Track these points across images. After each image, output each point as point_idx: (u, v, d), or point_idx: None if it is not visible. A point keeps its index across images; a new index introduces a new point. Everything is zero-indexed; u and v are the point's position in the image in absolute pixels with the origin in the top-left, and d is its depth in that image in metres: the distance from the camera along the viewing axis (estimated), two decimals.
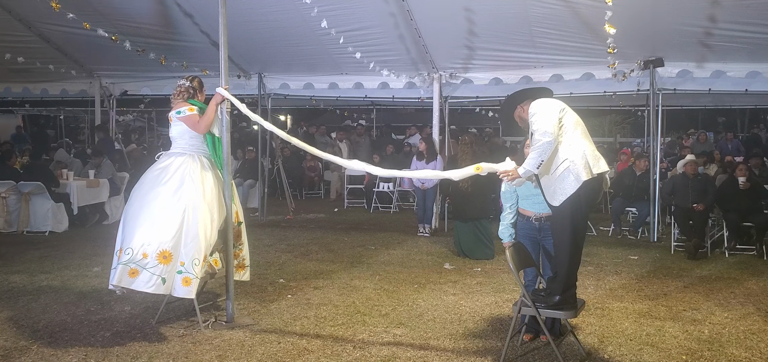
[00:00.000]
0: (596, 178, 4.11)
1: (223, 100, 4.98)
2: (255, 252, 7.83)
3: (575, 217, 4.11)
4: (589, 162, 4.09)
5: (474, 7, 7.78)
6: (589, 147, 4.17)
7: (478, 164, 4.36)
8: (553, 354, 4.29)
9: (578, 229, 4.17)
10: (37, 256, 7.65)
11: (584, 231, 4.39)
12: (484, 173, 4.35)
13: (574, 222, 4.12)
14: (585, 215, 4.24)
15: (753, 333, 4.96)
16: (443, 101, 10.39)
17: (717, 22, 7.48)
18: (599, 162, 4.15)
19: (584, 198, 4.10)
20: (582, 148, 4.11)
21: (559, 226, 4.20)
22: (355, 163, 5.20)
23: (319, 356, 4.41)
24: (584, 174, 4.05)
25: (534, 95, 4.38)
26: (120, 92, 12.07)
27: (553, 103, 4.22)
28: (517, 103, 4.44)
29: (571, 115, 4.21)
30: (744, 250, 8.17)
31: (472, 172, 4.38)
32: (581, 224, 4.21)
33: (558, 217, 4.20)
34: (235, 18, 6.90)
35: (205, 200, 4.81)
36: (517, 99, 4.47)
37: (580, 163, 4.06)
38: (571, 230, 4.12)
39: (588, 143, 4.18)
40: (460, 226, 7.94)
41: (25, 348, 4.51)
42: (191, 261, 4.67)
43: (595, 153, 4.17)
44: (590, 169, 4.08)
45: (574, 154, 4.08)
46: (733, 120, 21.76)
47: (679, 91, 9.55)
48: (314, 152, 5.22)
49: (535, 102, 4.25)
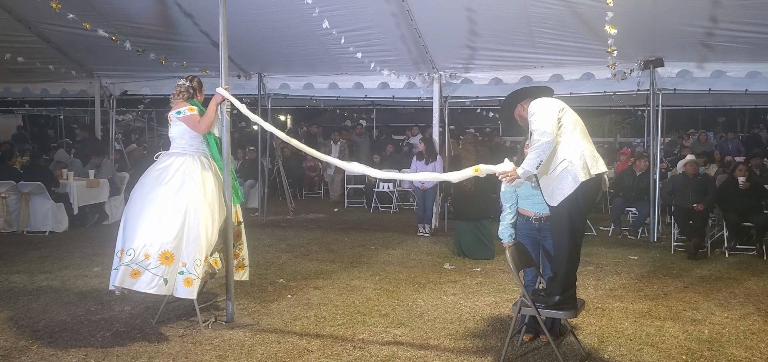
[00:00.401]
0: (594, 178, 4.11)
1: (223, 100, 4.99)
2: (255, 252, 7.85)
3: (573, 217, 4.11)
4: (588, 163, 4.09)
5: (474, 7, 7.78)
6: (588, 147, 4.16)
7: (477, 166, 4.35)
8: (553, 354, 4.29)
9: (576, 229, 4.17)
10: (37, 256, 7.65)
11: (583, 231, 4.38)
12: (482, 175, 4.34)
13: (572, 222, 4.12)
14: (583, 215, 4.24)
15: (753, 333, 4.96)
16: (443, 101, 10.39)
17: (717, 22, 7.47)
18: (598, 162, 4.15)
19: (582, 198, 4.10)
20: (581, 149, 4.11)
21: (558, 226, 4.20)
22: (354, 166, 5.15)
23: (319, 356, 4.41)
24: (582, 175, 4.05)
25: (534, 94, 4.38)
26: (120, 92, 12.06)
27: (552, 103, 4.22)
28: (517, 101, 4.44)
29: (570, 114, 4.21)
30: (744, 250, 8.17)
31: (471, 174, 4.37)
32: (579, 224, 4.21)
33: (556, 217, 4.20)
34: (235, 18, 6.90)
35: (206, 200, 4.81)
36: (517, 98, 4.47)
37: (578, 164, 4.06)
38: (569, 230, 4.12)
39: (587, 143, 4.18)
40: (461, 226, 7.93)
41: (25, 348, 4.51)
42: (193, 261, 4.67)
43: (593, 153, 4.17)
44: (588, 169, 4.07)
45: (573, 154, 4.08)
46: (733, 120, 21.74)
47: (679, 91, 9.55)
48: (313, 153, 5.23)
49: (535, 101, 4.25)
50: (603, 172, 4.18)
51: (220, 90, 4.98)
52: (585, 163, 4.08)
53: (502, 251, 4.88)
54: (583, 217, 4.28)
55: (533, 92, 4.46)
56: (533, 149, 4.08)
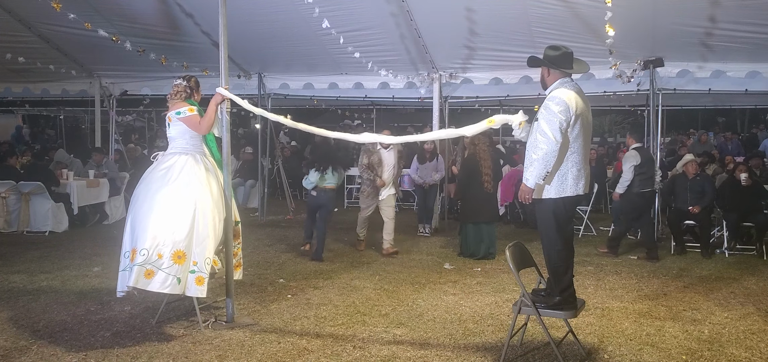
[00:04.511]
0: (568, 198, 4.21)
1: (223, 100, 4.99)
2: (255, 252, 7.86)
3: (558, 214, 4.23)
4: (569, 181, 4.20)
5: (474, 7, 7.79)
6: (577, 166, 4.22)
7: (491, 118, 4.33)
8: (552, 354, 4.29)
9: (563, 225, 4.27)
10: (37, 256, 7.65)
11: (571, 228, 4.53)
12: (497, 125, 4.35)
13: (558, 218, 4.23)
14: (569, 217, 4.36)
15: (753, 333, 4.96)
16: (443, 101, 10.39)
17: (717, 22, 7.47)
18: (578, 183, 4.24)
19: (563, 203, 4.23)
20: (566, 168, 4.19)
21: (545, 223, 4.31)
22: (365, 136, 5.12)
23: (319, 356, 4.41)
24: (553, 191, 4.19)
25: (555, 63, 4.32)
26: (120, 92, 12.07)
27: (570, 104, 4.15)
28: (544, 65, 4.40)
29: (580, 123, 4.20)
30: (744, 250, 8.17)
31: (485, 127, 4.34)
32: (565, 221, 4.30)
33: (542, 213, 4.31)
34: (235, 18, 6.89)
35: (213, 199, 4.83)
36: (545, 62, 4.39)
37: (555, 180, 4.18)
38: (556, 227, 4.24)
39: (578, 160, 4.23)
40: (471, 228, 7.82)
41: (25, 348, 4.51)
42: (204, 260, 4.70)
43: (578, 173, 4.23)
44: (564, 189, 4.20)
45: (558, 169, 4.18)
46: (733, 120, 21.76)
47: (679, 91, 9.55)
48: (322, 132, 5.16)
49: (556, 93, 4.20)
50: (579, 194, 4.26)
51: (220, 90, 4.98)
52: (562, 181, 4.19)
53: (502, 251, 4.89)
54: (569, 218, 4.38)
55: (560, 62, 4.32)
56: (537, 159, 4.12)
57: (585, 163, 4.30)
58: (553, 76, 4.34)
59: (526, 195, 4.24)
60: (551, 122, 4.10)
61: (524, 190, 4.23)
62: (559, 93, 4.20)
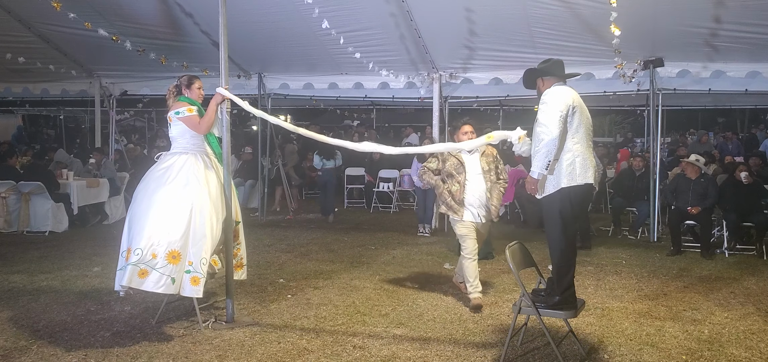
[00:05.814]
0: (581, 187, 4.23)
1: (223, 100, 4.99)
2: (255, 252, 7.85)
3: (565, 215, 4.24)
4: (577, 170, 4.22)
5: (474, 7, 7.78)
6: (583, 154, 4.27)
7: (490, 133, 4.41)
8: (553, 354, 4.29)
9: (568, 224, 4.27)
10: (37, 256, 7.65)
11: (575, 229, 4.52)
12: (495, 141, 4.43)
13: (564, 219, 4.24)
14: (575, 215, 4.34)
15: (753, 333, 4.96)
16: (443, 101, 10.39)
17: (717, 23, 7.47)
18: (587, 172, 4.26)
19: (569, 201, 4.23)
20: (573, 155, 4.23)
21: (550, 221, 4.32)
22: (365, 145, 5.09)
23: (319, 356, 4.41)
24: (564, 181, 4.21)
25: (549, 72, 4.47)
26: (120, 92, 12.07)
27: (565, 98, 4.27)
28: (536, 77, 4.54)
29: (579, 114, 4.29)
30: (744, 250, 8.17)
31: (484, 142, 4.42)
32: (570, 221, 4.30)
33: (548, 212, 4.33)
34: (235, 18, 6.90)
35: (210, 199, 4.82)
36: (535, 74, 4.55)
37: (564, 170, 4.21)
38: (561, 227, 4.24)
39: (583, 149, 4.27)
40: None
41: (25, 348, 4.51)
42: (199, 260, 4.68)
43: (585, 162, 4.26)
44: (574, 177, 4.21)
45: (563, 158, 4.22)
46: (733, 120, 21.75)
47: (679, 91, 9.55)
48: (322, 139, 5.18)
49: (550, 90, 4.33)
50: (590, 182, 4.28)
51: (220, 90, 4.98)
52: (572, 170, 4.21)
53: (502, 251, 4.89)
54: (575, 217, 4.36)
55: (549, 69, 4.50)
56: (539, 150, 4.18)
57: (590, 154, 4.36)
58: (548, 83, 4.48)
59: (532, 187, 4.31)
60: (549, 113, 4.21)
61: (530, 181, 4.32)
62: (554, 89, 4.36)
